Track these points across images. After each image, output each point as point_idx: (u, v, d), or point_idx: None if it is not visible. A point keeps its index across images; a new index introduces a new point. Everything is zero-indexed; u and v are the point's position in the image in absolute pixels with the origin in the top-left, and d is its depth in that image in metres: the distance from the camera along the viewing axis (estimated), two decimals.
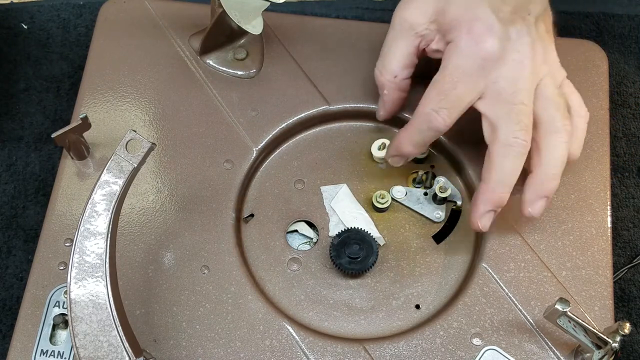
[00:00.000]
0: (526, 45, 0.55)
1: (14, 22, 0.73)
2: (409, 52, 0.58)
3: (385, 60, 0.59)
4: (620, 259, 0.65)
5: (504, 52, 0.54)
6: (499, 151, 0.54)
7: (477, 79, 0.54)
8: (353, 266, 0.57)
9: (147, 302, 0.56)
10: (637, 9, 0.75)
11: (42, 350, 0.55)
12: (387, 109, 0.61)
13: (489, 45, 0.54)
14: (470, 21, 0.54)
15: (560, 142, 0.55)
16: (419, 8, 0.57)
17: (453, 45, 0.55)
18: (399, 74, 0.59)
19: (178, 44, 0.66)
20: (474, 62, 0.54)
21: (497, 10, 0.54)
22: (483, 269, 0.58)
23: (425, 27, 0.57)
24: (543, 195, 0.55)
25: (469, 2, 0.55)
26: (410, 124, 0.57)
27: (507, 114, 0.54)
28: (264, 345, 0.55)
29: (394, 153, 0.59)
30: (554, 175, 0.55)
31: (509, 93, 0.54)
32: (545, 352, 0.55)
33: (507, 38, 0.54)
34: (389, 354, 0.55)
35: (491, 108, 0.55)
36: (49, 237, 0.58)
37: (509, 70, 0.54)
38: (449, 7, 0.55)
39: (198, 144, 0.62)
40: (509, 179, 0.54)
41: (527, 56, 0.54)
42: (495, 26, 0.54)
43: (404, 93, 0.60)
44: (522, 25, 0.55)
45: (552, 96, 0.55)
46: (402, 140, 0.58)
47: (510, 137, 0.54)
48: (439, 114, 0.55)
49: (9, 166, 0.67)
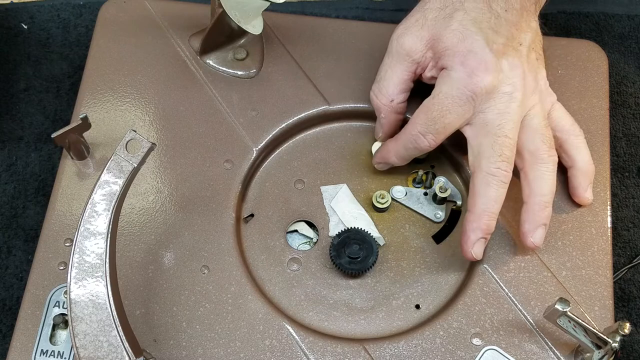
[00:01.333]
0: (518, 78, 0.56)
1: (14, 22, 0.73)
2: (405, 78, 0.59)
3: (382, 85, 0.60)
4: (620, 259, 0.65)
5: (496, 85, 0.55)
6: (482, 180, 0.55)
7: (467, 109, 0.56)
8: (353, 266, 0.57)
9: (147, 302, 0.56)
10: (637, 9, 0.75)
11: (42, 350, 0.55)
12: (385, 131, 0.62)
13: (482, 80, 0.55)
14: (464, 53, 0.55)
15: (547, 172, 0.57)
16: (416, 35, 0.58)
17: (446, 73, 0.56)
18: (395, 98, 0.60)
19: (178, 44, 0.66)
20: (464, 94, 0.55)
21: (491, 42, 0.55)
22: (483, 269, 0.58)
23: (422, 55, 0.58)
24: (540, 223, 0.56)
25: (463, 32, 0.56)
26: (398, 139, 0.59)
27: (491, 146, 0.55)
28: (264, 345, 0.55)
29: (379, 160, 0.62)
30: (546, 204, 0.56)
31: (495, 125, 0.55)
32: (545, 352, 0.55)
33: (500, 70, 0.55)
34: (389, 354, 0.55)
35: (476, 136, 0.56)
36: (49, 237, 0.58)
37: (498, 102, 0.56)
38: (443, 35, 0.56)
39: (198, 144, 0.62)
40: (493, 207, 0.55)
41: (518, 88, 0.56)
42: (489, 60, 0.55)
43: (400, 115, 0.61)
44: (515, 56, 0.56)
45: (538, 128, 0.57)
46: (389, 151, 0.60)
47: (492, 167, 0.55)
48: (426, 137, 0.57)
49: (9, 166, 0.67)
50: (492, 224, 0.56)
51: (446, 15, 0.57)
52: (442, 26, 0.56)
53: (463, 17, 0.56)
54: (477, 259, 0.57)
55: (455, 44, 0.56)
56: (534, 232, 0.56)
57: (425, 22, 0.57)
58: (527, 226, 0.56)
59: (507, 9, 0.56)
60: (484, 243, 0.56)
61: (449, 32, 0.56)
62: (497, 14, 0.56)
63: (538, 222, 0.56)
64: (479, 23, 0.56)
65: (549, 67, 0.60)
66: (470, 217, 0.56)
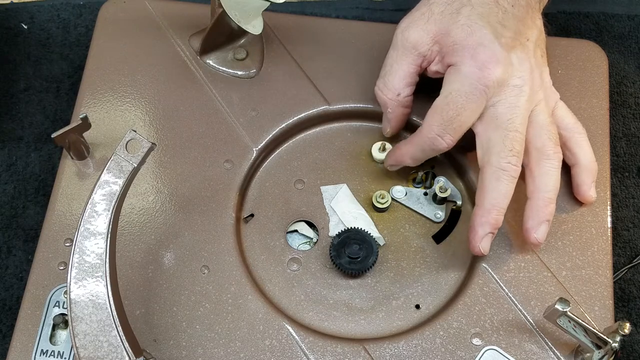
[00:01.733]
0: (526, 72, 0.56)
1: (14, 22, 0.73)
2: (411, 71, 0.59)
3: (387, 79, 0.59)
4: (620, 259, 0.65)
5: (506, 78, 0.55)
6: (491, 175, 0.55)
7: (480, 103, 0.55)
8: (353, 266, 0.57)
9: (147, 302, 0.56)
10: (637, 9, 0.75)
11: (42, 350, 0.54)
12: (392, 126, 0.61)
13: (493, 72, 0.55)
14: (474, 47, 0.55)
15: (552, 168, 0.56)
16: (422, 28, 0.57)
17: (455, 69, 0.56)
18: (402, 92, 0.59)
19: (178, 44, 0.66)
20: (477, 88, 0.55)
21: (499, 36, 0.55)
22: (483, 269, 0.58)
23: (428, 48, 0.58)
24: (544, 220, 0.56)
25: (471, 26, 0.55)
26: (414, 142, 0.58)
27: (502, 140, 0.55)
28: (264, 345, 0.55)
29: (393, 163, 0.61)
30: (550, 200, 0.56)
31: (505, 119, 0.55)
32: (545, 352, 0.55)
33: (510, 63, 0.55)
34: (389, 354, 0.55)
35: (486, 131, 0.56)
36: (49, 237, 0.58)
37: (508, 95, 0.55)
38: (451, 30, 0.56)
39: (198, 144, 0.62)
40: (502, 202, 0.55)
41: (527, 82, 0.56)
42: (499, 52, 0.55)
43: (407, 109, 0.61)
44: (522, 51, 0.56)
45: (544, 124, 0.57)
46: (404, 154, 0.59)
47: (502, 162, 0.55)
48: (444, 138, 0.56)
49: (9, 166, 0.67)
50: (501, 219, 0.56)
51: (453, 10, 0.56)
52: (450, 21, 0.56)
53: (470, 12, 0.56)
54: (484, 254, 0.56)
55: (463, 38, 0.55)
56: (538, 228, 0.56)
57: (432, 16, 0.57)
58: (530, 222, 0.56)
59: (514, 4, 0.56)
60: (492, 238, 0.56)
61: (457, 26, 0.56)
62: (504, 9, 0.56)
63: (542, 218, 0.56)
64: (487, 17, 0.55)
65: (549, 67, 0.60)
66: (479, 212, 0.55)
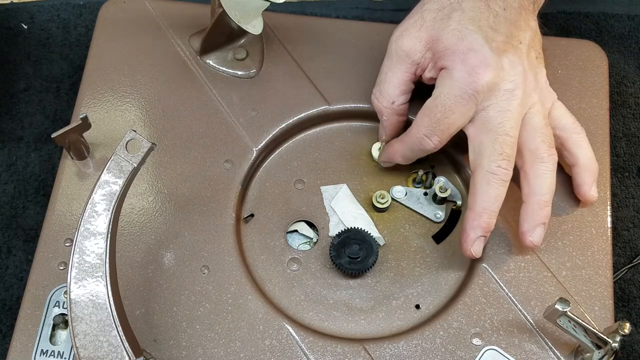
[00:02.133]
0: (519, 75, 0.56)
1: (14, 22, 0.73)
2: (405, 79, 0.59)
3: (382, 88, 0.60)
4: (620, 259, 0.65)
5: (497, 82, 0.55)
6: (482, 178, 0.55)
7: (469, 107, 0.56)
8: (353, 266, 0.57)
9: (147, 302, 0.56)
10: (637, 9, 0.75)
11: (42, 350, 0.54)
12: (388, 133, 0.62)
13: (483, 77, 0.55)
14: (464, 52, 0.55)
15: (546, 171, 0.56)
16: (414, 36, 0.58)
17: (447, 73, 0.56)
18: (396, 100, 0.60)
19: (178, 44, 0.66)
20: (466, 92, 0.55)
21: (490, 40, 0.55)
22: (483, 269, 0.58)
23: (421, 55, 0.58)
24: (539, 223, 0.56)
25: (462, 31, 0.56)
26: (404, 140, 0.59)
27: (492, 144, 0.55)
28: (264, 345, 0.55)
29: (385, 159, 0.62)
30: (545, 203, 0.56)
31: (496, 123, 0.55)
32: (545, 352, 0.55)
33: (501, 67, 0.55)
34: (389, 354, 0.55)
35: (477, 134, 0.56)
36: (49, 237, 0.58)
37: (500, 99, 0.55)
38: (442, 35, 0.56)
39: (198, 144, 0.62)
40: (493, 205, 0.55)
41: (519, 86, 0.56)
42: (490, 57, 0.55)
43: (402, 117, 0.61)
44: (515, 54, 0.56)
45: (538, 126, 0.57)
46: (396, 151, 0.60)
47: (492, 166, 0.55)
48: (431, 139, 0.57)
49: (9, 166, 0.67)
50: (492, 223, 0.56)
51: (444, 16, 0.57)
52: (441, 27, 0.57)
53: (461, 16, 0.56)
54: (476, 257, 0.57)
55: (454, 44, 0.56)
56: (533, 231, 0.56)
57: (424, 24, 0.57)
58: (526, 225, 0.56)
59: (506, 8, 0.56)
60: (484, 241, 0.56)
61: (447, 32, 0.56)
62: (495, 13, 0.56)
63: (537, 221, 0.56)
64: (478, 22, 0.56)
65: (549, 67, 0.60)
66: (470, 215, 0.56)
